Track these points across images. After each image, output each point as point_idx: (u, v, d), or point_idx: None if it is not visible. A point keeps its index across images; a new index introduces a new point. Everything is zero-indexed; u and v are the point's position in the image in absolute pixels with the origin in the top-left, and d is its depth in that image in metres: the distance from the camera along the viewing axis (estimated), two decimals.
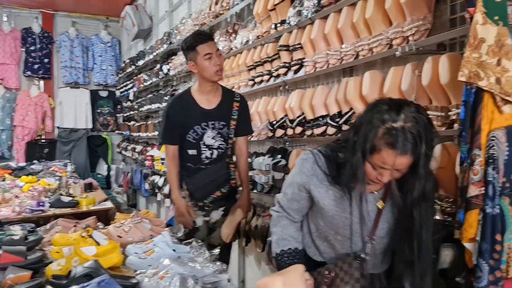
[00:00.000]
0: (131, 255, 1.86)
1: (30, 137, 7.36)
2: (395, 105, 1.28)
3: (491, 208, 1.17)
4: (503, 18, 1.19)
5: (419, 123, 1.23)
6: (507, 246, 1.20)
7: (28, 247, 1.85)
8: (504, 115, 1.22)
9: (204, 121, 2.51)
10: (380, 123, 1.26)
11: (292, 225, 1.62)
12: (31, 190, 3.73)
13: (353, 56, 2.13)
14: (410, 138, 1.22)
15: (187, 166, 2.57)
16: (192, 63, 2.48)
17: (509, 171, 1.22)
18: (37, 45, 7.40)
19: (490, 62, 1.18)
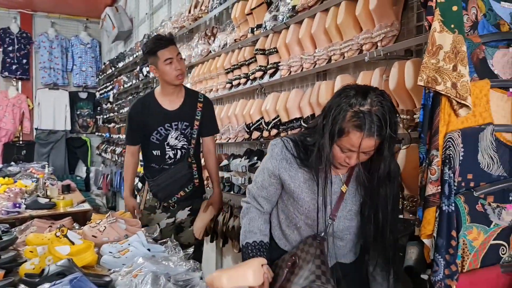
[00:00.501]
0: (106, 254, 1.88)
1: (8, 138, 7.26)
2: (361, 90, 1.33)
3: (447, 206, 1.24)
4: (459, 27, 1.26)
5: (384, 107, 1.29)
6: (462, 241, 1.27)
7: (1, 247, 1.85)
8: (460, 118, 1.29)
9: (167, 122, 2.54)
10: (348, 107, 1.31)
11: (260, 217, 1.65)
12: (7, 192, 3.69)
13: (325, 61, 2.19)
14: (376, 121, 1.27)
15: (151, 166, 2.62)
16: (153, 67, 2.52)
17: (465, 171, 1.29)
18: (15, 46, 7.32)
19: (446, 68, 1.25)
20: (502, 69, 1.36)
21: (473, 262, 1.30)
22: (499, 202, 1.31)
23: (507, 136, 1.35)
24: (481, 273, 1.30)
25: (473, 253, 1.28)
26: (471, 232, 1.28)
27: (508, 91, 1.35)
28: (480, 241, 1.29)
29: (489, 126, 1.30)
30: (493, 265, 1.31)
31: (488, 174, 1.32)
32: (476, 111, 1.30)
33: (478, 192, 1.28)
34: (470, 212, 1.27)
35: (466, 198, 1.26)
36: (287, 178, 1.52)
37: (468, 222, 1.27)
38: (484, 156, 1.31)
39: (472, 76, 1.31)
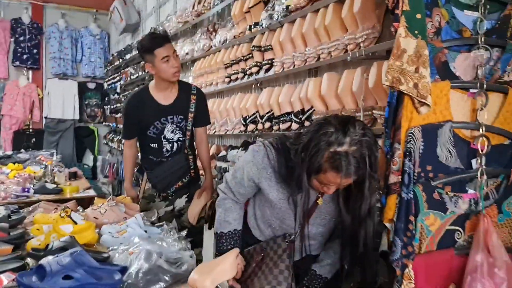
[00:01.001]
0: (105, 234, 2.05)
1: (18, 126, 7.47)
2: (341, 126, 1.32)
3: (406, 194, 1.38)
4: (422, 33, 1.39)
5: (363, 146, 1.30)
6: (420, 226, 1.41)
7: (11, 224, 2.03)
8: (421, 115, 1.42)
9: (163, 116, 2.61)
10: (326, 146, 1.31)
11: (235, 208, 1.70)
12: (17, 177, 3.88)
13: (315, 59, 2.33)
14: (353, 162, 1.28)
15: (149, 158, 2.71)
16: (149, 64, 2.56)
17: (424, 163, 1.42)
18: (26, 36, 7.51)
19: (409, 70, 1.38)
20: (464, 72, 1.49)
21: (429, 245, 1.44)
22: (456, 192, 1.45)
23: (466, 132, 1.48)
24: (436, 254, 1.44)
25: (430, 237, 1.42)
26: (428, 218, 1.42)
27: (469, 91, 1.49)
28: (437, 226, 1.43)
29: (448, 123, 1.43)
30: (448, 248, 1.45)
31: (446, 166, 1.45)
32: (437, 109, 1.44)
33: (436, 182, 1.42)
34: (428, 200, 1.41)
35: (424, 187, 1.40)
36: (266, 187, 1.55)
37: (425, 209, 1.41)
38: (442, 150, 1.44)
39: (434, 77, 1.45)
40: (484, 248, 1.38)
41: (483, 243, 1.39)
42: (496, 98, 1.51)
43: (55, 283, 1.42)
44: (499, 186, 1.49)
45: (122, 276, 1.55)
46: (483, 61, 1.47)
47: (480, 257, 1.36)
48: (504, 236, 1.50)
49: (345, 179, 1.32)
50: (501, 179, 1.49)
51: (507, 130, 1.49)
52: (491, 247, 1.37)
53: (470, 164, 1.49)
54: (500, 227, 1.49)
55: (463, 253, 1.43)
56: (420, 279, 1.39)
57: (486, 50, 1.47)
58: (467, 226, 1.47)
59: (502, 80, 1.51)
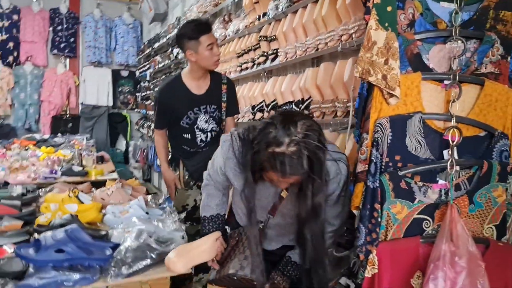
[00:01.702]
0: (109, 214, 2.20)
1: (56, 112, 7.84)
2: (283, 126, 1.34)
3: (372, 182, 1.42)
4: (392, 25, 1.42)
5: (301, 147, 1.31)
6: (386, 213, 1.45)
7: (23, 202, 2.22)
8: (391, 106, 1.45)
9: (196, 106, 2.59)
10: (265, 147, 1.34)
11: (217, 194, 1.77)
12: (46, 160, 4.14)
13: (314, 49, 2.37)
14: (291, 163, 1.31)
15: (182, 148, 2.70)
16: (191, 52, 2.50)
17: (393, 153, 1.45)
18: (64, 25, 7.83)
19: (379, 62, 1.41)
20: (438, 63, 1.51)
21: (396, 232, 1.47)
22: (426, 182, 1.48)
23: (438, 123, 1.50)
24: (401, 241, 1.47)
25: (396, 225, 1.46)
26: (394, 206, 1.45)
27: (443, 83, 1.50)
28: (404, 214, 1.46)
29: (417, 114, 1.46)
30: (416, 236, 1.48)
31: (416, 156, 1.48)
32: (408, 101, 1.46)
33: (403, 171, 1.45)
34: (394, 188, 1.44)
35: (391, 176, 1.44)
36: (231, 176, 1.60)
37: (392, 198, 1.45)
38: (412, 141, 1.47)
39: (406, 69, 1.48)
40: (449, 238, 1.40)
41: (448, 232, 1.42)
42: (472, 89, 1.51)
43: (48, 255, 1.57)
44: (472, 177, 1.50)
45: (113, 252, 1.69)
46: (458, 53, 1.48)
47: (444, 246, 1.39)
48: (476, 226, 1.52)
49: (286, 178, 1.36)
50: (473, 171, 1.50)
51: (480, 122, 1.50)
52: (455, 236, 1.40)
53: (442, 155, 1.51)
54: (471, 218, 1.51)
55: (430, 241, 1.46)
56: (385, 265, 1.43)
57: (462, 42, 1.47)
58: (436, 216, 1.49)
59: (479, 72, 1.52)
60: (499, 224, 1.52)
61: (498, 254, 1.49)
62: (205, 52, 2.48)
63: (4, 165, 3.92)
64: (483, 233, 1.52)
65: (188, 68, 2.65)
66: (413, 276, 1.48)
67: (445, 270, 1.36)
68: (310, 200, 1.42)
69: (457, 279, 1.36)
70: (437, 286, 1.36)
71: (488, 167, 1.48)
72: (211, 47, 2.49)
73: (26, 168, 3.93)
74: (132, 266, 1.64)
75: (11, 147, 5.10)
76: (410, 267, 1.46)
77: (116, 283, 1.61)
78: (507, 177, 1.48)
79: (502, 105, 1.50)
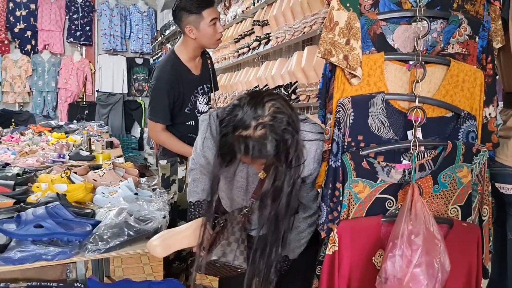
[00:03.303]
0: (98, 194, 2.28)
1: (72, 99, 8.04)
2: (250, 108, 1.30)
3: (334, 162, 1.44)
4: (354, 5, 1.42)
5: (268, 130, 1.28)
6: (348, 192, 1.46)
7: (18, 182, 2.31)
8: (354, 87, 1.46)
9: (195, 88, 2.41)
10: (232, 129, 1.32)
11: (202, 178, 1.74)
12: (54, 144, 4.28)
13: (301, 32, 2.38)
14: (258, 147, 1.28)
15: (189, 137, 2.44)
16: (191, 27, 2.25)
17: (355, 133, 1.46)
18: (79, 14, 7.98)
19: (340, 42, 1.42)
20: (403, 44, 1.50)
21: (358, 211, 1.49)
22: (389, 162, 1.49)
23: (402, 104, 1.50)
24: (362, 220, 1.48)
25: (358, 204, 1.48)
26: (356, 186, 1.47)
27: (407, 63, 1.50)
28: (366, 194, 1.48)
29: (379, 94, 1.46)
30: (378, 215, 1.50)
31: (379, 136, 1.49)
32: (371, 81, 1.47)
33: (365, 151, 1.46)
34: (356, 168, 1.45)
35: (352, 155, 1.45)
36: (210, 156, 1.56)
37: (354, 177, 1.46)
38: (374, 121, 1.48)
39: (370, 49, 1.48)
40: (408, 216, 1.42)
41: (408, 211, 1.43)
42: (439, 70, 1.51)
43: (26, 230, 1.65)
44: (437, 157, 1.50)
45: (93, 229, 1.76)
46: (422, 33, 1.47)
47: (403, 225, 1.40)
48: (440, 207, 1.52)
49: (255, 160, 1.34)
50: (438, 151, 1.50)
51: (446, 103, 1.49)
52: (414, 215, 1.41)
53: (406, 135, 1.52)
54: (436, 198, 1.52)
55: (392, 220, 1.47)
56: (345, 242, 1.45)
57: (426, 22, 1.47)
58: (400, 196, 1.50)
59: (446, 53, 1.51)
60: (464, 205, 1.52)
61: (462, 234, 1.50)
62: (207, 29, 2.25)
63: (15, 149, 4.07)
64: (447, 213, 1.53)
65: (184, 47, 2.37)
66: (374, 255, 1.50)
67: (402, 248, 1.38)
68: (271, 183, 1.39)
69: (413, 257, 1.38)
70: (395, 264, 1.38)
71: (452, 148, 1.48)
72: (214, 22, 2.24)
73: (35, 152, 4.07)
74: (110, 242, 1.71)
75: (26, 133, 5.28)
76: (372, 245, 1.49)
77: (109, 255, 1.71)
78: (472, 158, 1.48)
79: (469, 86, 1.49)
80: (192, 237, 1.60)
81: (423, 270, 1.36)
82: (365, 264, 1.49)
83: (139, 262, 3.56)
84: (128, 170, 2.68)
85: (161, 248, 1.58)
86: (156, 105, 2.39)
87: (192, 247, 1.63)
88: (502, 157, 1.57)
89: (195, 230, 1.60)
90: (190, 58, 2.38)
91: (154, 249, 1.58)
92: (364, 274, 1.49)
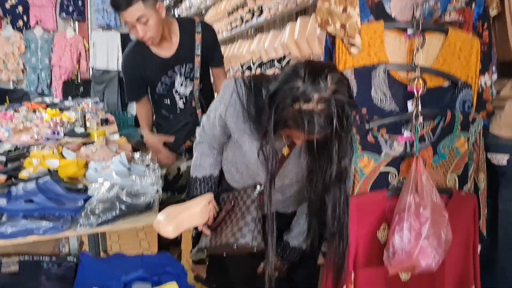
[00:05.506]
0: (91, 169, 2.25)
1: (67, 76, 7.92)
2: (311, 79, 1.16)
3: None
4: None
5: (332, 105, 1.15)
6: (354, 168, 1.43)
7: (10, 158, 2.28)
8: (355, 57, 1.41)
9: (169, 69, 2.34)
10: (291, 102, 1.17)
11: (211, 153, 1.63)
12: (48, 121, 4.23)
13: (294, 3, 2.31)
14: (318, 122, 1.15)
15: (162, 114, 2.49)
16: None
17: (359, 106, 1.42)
18: None
19: (337, 11, 1.37)
20: (400, 12, 1.46)
21: (363, 186, 1.48)
22: (392, 134, 1.46)
23: (402, 74, 1.47)
24: (368, 195, 1.47)
25: (363, 179, 1.46)
26: (362, 160, 1.45)
27: (405, 32, 1.46)
28: (371, 168, 1.46)
29: (381, 65, 1.43)
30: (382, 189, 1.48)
31: (381, 109, 1.46)
32: (371, 51, 1.43)
33: (370, 124, 1.43)
34: (362, 142, 1.43)
35: (358, 129, 1.42)
36: (232, 126, 1.45)
37: (359, 151, 1.44)
38: (377, 92, 1.45)
39: (368, 18, 1.43)
40: (414, 189, 1.40)
41: (414, 184, 1.41)
42: (436, 39, 1.47)
43: (17, 205, 1.62)
44: (435, 128, 1.48)
45: (85, 204, 1.74)
46: (420, 0, 1.42)
47: (409, 198, 1.39)
48: (439, 177, 1.51)
49: (309, 136, 1.20)
50: (437, 121, 1.47)
51: (444, 72, 1.46)
52: (420, 188, 1.39)
53: (406, 107, 1.48)
54: (435, 169, 1.50)
55: (396, 194, 1.46)
56: (352, 219, 1.41)
57: None
58: (402, 168, 1.49)
59: (443, 21, 1.47)
60: (461, 174, 1.51)
61: (460, 203, 1.49)
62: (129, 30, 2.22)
63: (9, 126, 4.03)
64: (446, 183, 1.51)
65: None
66: (379, 229, 1.49)
67: (410, 221, 1.37)
68: (335, 164, 1.26)
69: (421, 229, 1.37)
70: (403, 237, 1.37)
71: (451, 117, 1.45)
72: (131, 25, 2.15)
73: (29, 129, 4.03)
74: (101, 216, 1.69)
75: (20, 110, 5.22)
76: (377, 220, 1.47)
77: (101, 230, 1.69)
78: (469, 127, 1.46)
79: (466, 54, 1.46)
80: (201, 215, 1.52)
81: (431, 242, 1.35)
82: (370, 239, 1.48)
83: (136, 237, 3.56)
84: (121, 146, 2.65)
85: (172, 228, 1.48)
86: (125, 86, 2.54)
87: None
88: (495, 126, 1.55)
89: (204, 208, 1.52)
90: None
91: (166, 229, 1.48)
92: (369, 249, 1.48)
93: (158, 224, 1.50)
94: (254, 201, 1.46)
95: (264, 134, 1.28)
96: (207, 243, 1.55)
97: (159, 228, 1.50)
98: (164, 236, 1.51)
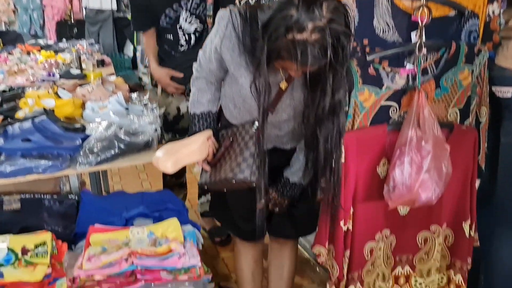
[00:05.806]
0: (88, 109, 2.21)
1: (60, 16, 7.69)
2: (305, 8, 1.12)
3: None
4: None
5: (326, 35, 1.10)
6: (354, 102, 1.39)
7: (5, 99, 2.25)
8: None
9: (175, 1, 2.29)
10: (284, 32, 1.13)
11: (209, 88, 1.59)
12: (44, 63, 4.15)
13: None
14: (312, 52, 1.12)
15: (164, 48, 2.47)
16: None
17: (360, 36, 1.36)
18: None
19: None
20: None
21: (363, 121, 1.44)
22: (394, 67, 1.41)
23: (406, 3, 1.40)
24: (368, 130, 1.44)
25: (363, 113, 1.42)
26: (362, 94, 1.40)
27: None
28: (371, 102, 1.42)
29: None
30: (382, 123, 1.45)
31: (383, 40, 1.40)
32: None
33: (371, 56, 1.38)
34: (362, 74, 1.38)
35: (358, 61, 1.37)
36: (228, 58, 1.41)
37: (360, 85, 1.39)
38: (380, 22, 1.38)
39: None
40: (415, 123, 1.37)
41: (415, 118, 1.38)
42: None
43: (14, 144, 1.61)
44: (439, 60, 1.43)
45: (83, 143, 1.72)
46: None
47: (410, 132, 1.36)
48: (441, 111, 1.48)
49: (303, 67, 1.17)
50: (441, 54, 1.42)
51: (451, 0, 1.38)
52: (422, 121, 1.36)
53: (410, 38, 1.42)
54: (437, 102, 1.47)
55: (397, 128, 1.43)
56: (351, 154, 1.41)
57: None
58: (403, 102, 1.45)
59: None
60: (463, 108, 1.48)
61: (461, 137, 1.47)
62: None
63: (4, 69, 3.95)
64: (447, 117, 1.49)
65: None
66: (379, 164, 1.47)
67: (411, 155, 1.35)
68: (329, 96, 1.23)
69: (423, 163, 1.36)
70: (403, 171, 1.36)
71: (456, 49, 1.40)
72: None
73: (24, 71, 3.95)
74: (100, 155, 1.68)
75: (13, 52, 5.10)
76: (377, 155, 1.45)
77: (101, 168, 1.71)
78: (473, 59, 1.41)
79: None
80: (199, 151, 1.51)
81: (432, 176, 1.34)
82: (370, 174, 1.46)
83: (138, 178, 3.59)
84: (118, 86, 2.60)
85: (171, 164, 1.48)
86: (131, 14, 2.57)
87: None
88: (501, 58, 1.48)
89: (203, 144, 1.51)
90: None
91: (164, 165, 1.48)
92: (369, 184, 1.47)
93: (157, 160, 1.50)
94: (252, 137, 1.44)
95: (257, 66, 1.24)
96: (206, 179, 1.55)
97: (158, 164, 1.49)
98: (164, 171, 1.52)
